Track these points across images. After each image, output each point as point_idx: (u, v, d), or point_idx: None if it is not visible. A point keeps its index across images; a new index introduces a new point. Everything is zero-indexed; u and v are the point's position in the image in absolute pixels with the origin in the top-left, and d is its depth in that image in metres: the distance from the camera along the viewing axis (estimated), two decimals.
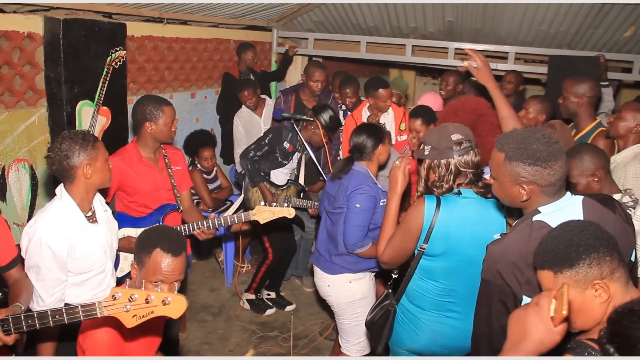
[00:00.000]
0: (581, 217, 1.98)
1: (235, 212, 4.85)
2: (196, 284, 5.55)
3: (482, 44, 6.54)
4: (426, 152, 2.62)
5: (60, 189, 2.62)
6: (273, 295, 5.21)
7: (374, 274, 3.60)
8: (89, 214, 2.70)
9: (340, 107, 5.56)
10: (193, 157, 5.42)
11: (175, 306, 1.98)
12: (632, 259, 2.10)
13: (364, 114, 4.96)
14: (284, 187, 4.72)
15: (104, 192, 3.06)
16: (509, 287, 1.96)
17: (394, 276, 3.01)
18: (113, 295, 1.96)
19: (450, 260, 2.59)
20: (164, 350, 2.84)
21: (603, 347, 1.29)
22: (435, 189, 2.60)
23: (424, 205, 2.54)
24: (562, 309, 1.33)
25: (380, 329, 2.92)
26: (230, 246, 5.50)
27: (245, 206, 4.72)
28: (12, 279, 2.53)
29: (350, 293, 3.44)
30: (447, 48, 6.59)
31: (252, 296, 5.08)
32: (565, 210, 1.99)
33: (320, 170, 4.63)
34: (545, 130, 2.06)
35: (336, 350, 3.87)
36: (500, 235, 2.27)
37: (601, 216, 2.01)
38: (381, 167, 3.62)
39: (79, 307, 2.02)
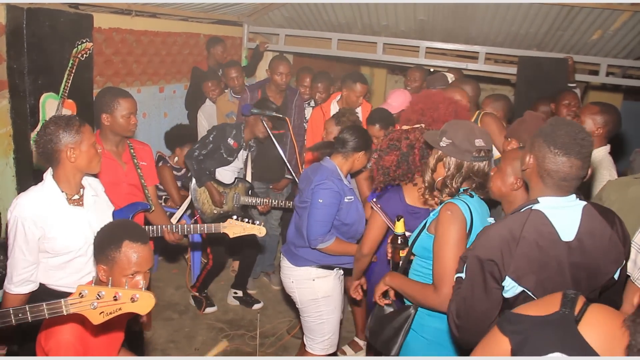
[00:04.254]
0: (578, 223, 1.97)
1: (183, 213, 4.80)
2: (162, 281, 5.46)
3: (453, 44, 6.59)
4: (443, 144, 2.46)
5: (46, 173, 2.68)
6: (240, 293, 5.17)
7: (343, 272, 3.60)
8: (75, 197, 2.71)
9: (309, 103, 5.54)
10: (174, 149, 5.32)
11: (143, 303, 1.95)
12: (616, 277, 2.05)
13: (333, 107, 4.93)
14: (232, 185, 4.66)
15: None
16: (497, 265, 1.95)
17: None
18: (80, 293, 1.91)
19: None
20: (128, 345, 2.78)
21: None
22: (444, 188, 2.46)
23: (460, 210, 2.36)
24: None
25: (395, 333, 2.65)
26: (197, 243, 5.42)
27: (193, 207, 4.69)
28: None
29: (312, 291, 3.43)
30: (418, 47, 6.62)
31: (196, 294, 5.06)
32: (566, 210, 1.99)
33: (288, 165, 4.56)
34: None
35: (302, 349, 3.85)
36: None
37: (598, 226, 2.00)
38: (353, 174, 3.63)
39: (44, 305, 1.96)
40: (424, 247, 2.51)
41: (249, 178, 4.85)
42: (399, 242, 2.70)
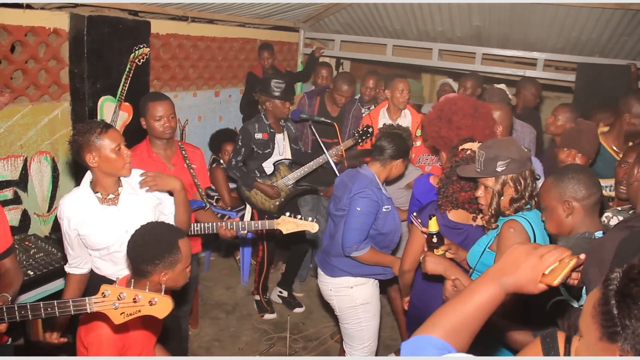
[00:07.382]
0: None
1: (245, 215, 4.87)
2: (212, 280, 5.59)
3: (511, 50, 6.43)
4: (501, 168, 2.43)
5: (86, 174, 2.83)
6: (285, 294, 5.24)
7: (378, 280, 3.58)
8: (110, 196, 2.79)
9: (369, 107, 5.56)
10: (217, 153, 5.47)
11: (161, 307, 2.03)
12: None
13: (382, 114, 4.93)
14: (275, 172, 4.69)
15: None
16: None
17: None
18: (103, 293, 2.01)
19: None
20: (168, 343, 2.89)
21: (605, 289, 1.16)
22: (513, 204, 2.44)
23: (522, 226, 2.35)
24: (555, 278, 1.30)
25: None
26: (248, 244, 5.53)
27: (258, 212, 4.76)
28: (4, 269, 2.63)
29: (351, 298, 3.43)
30: (475, 53, 6.49)
31: (257, 297, 5.13)
32: None
33: (335, 169, 4.54)
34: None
35: (342, 355, 3.86)
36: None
37: None
38: (389, 182, 3.60)
39: (70, 301, 2.07)
40: (485, 265, 2.47)
41: (288, 156, 4.81)
42: (434, 241, 2.67)
